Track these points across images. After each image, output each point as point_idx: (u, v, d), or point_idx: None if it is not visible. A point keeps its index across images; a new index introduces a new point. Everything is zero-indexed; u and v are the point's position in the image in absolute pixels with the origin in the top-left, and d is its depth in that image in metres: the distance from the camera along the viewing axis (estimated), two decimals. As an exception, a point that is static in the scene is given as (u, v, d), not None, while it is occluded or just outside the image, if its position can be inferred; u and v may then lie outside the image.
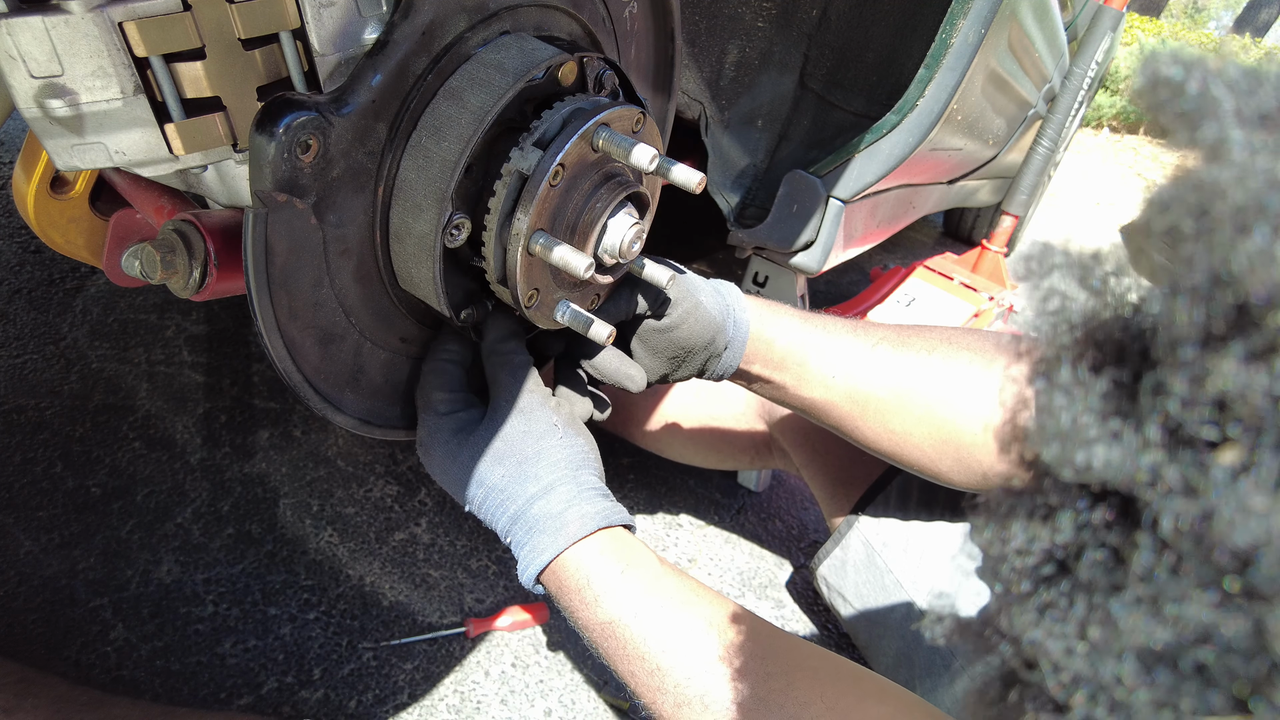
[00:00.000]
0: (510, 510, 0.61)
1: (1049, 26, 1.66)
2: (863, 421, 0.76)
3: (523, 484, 0.60)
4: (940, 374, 0.73)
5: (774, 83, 1.28)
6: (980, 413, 0.73)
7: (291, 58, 0.49)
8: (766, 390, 0.79)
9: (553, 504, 0.60)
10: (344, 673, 0.89)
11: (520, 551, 0.61)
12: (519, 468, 0.61)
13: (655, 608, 0.58)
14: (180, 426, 1.11)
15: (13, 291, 1.23)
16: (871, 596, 0.92)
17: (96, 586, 0.89)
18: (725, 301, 0.72)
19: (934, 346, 0.74)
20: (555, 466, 0.61)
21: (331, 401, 0.60)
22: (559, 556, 0.59)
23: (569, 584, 0.60)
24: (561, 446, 0.62)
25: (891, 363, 0.74)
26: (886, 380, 0.74)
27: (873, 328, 0.77)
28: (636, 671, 0.57)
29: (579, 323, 0.62)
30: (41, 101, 0.43)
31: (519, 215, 0.56)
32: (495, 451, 0.61)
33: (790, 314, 0.76)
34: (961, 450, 0.74)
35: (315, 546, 1.02)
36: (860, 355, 0.75)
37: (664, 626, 0.57)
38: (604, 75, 0.62)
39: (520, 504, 0.60)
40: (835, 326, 0.77)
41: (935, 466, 0.77)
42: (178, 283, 0.58)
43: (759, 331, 0.74)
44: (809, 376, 0.76)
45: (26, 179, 0.68)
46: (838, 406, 0.76)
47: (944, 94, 1.10)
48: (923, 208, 1.80)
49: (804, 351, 0.75)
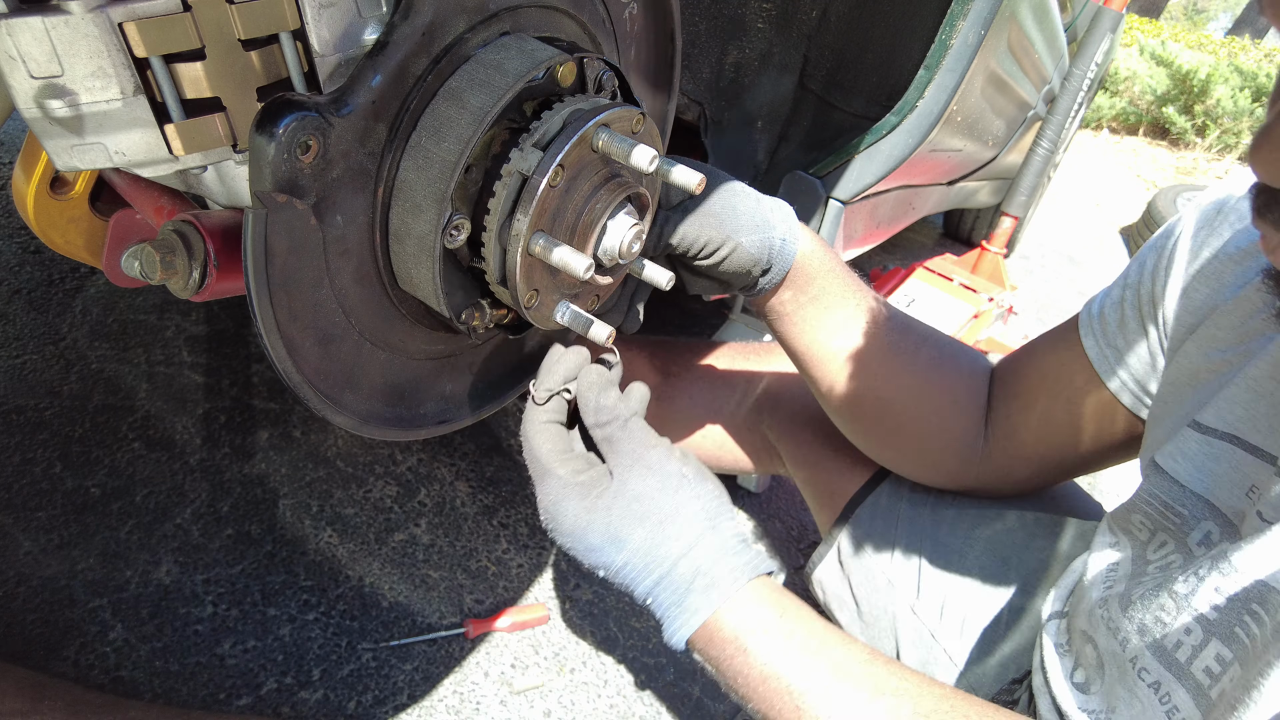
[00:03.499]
0: (656, 573, 0.58)
1: (1049, 28, 1.66)
2: (851, 382, 0.82)
3: (665, 544, 0.58)
4: (930, 370, 0.84)
5: (774, 84, 1.28)
6: (945, 424, 0.84)
7: (291, 58, 0.49)
8: (780, 322, 0.81)
9: (699, 561, 0.58)
10: (343, 673, 0.89)
11: (669, 613, 0.58)
12: (659, 528, 0.58)
13: (813, 655, 0.57)
14: (180, 427, 1.11)
15: (13, 291, 1.23)
16: (865, 599, 0.92)
17: (96, 587, 0.89)
18: (768, 236, 0.73)
19: (933, 349, 0.84)
20: (694, 521, 0.59)
21: (331, 402, 0.60)
22: (713, 615, 0.57)
23: (721, 638, 0.57)
24: (696, 498, 0.60)
25: (898, 342, 0.82)
26: (889, 354, 0.81)
27: (890, 307, 0.83)
28: (789, 717, 0.56)
29: (579, 323, 0.62)
30: (41, 102, 0.43)
31: (519, 216, 0.56)
32: (633, 513, 0.59)
33: (836, 259, 0.80)
34: (911, 441, 0.86)
35: (315, 547, 1.02)
36: (878, 325, 0.80)
37: (820, 676, 0.56)
38: (604, 76, 0.62)
39: (666, 566, 0.58)
40: (866, 292, 0.82)
41: (880, 447, 0.88)
42: (177, 283, 0.58)
43: (804, 264, 0.76)
44: (830, 323, 0.80)
45: (26, 179, 0.68)
46: (832, 361, 0.81)
47: (943, 95, 1.11)
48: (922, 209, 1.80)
49: (837, 298, 0.79)
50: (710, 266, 0.73)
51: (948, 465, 0.87)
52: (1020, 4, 1.28)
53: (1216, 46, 8.23)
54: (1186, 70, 5.89)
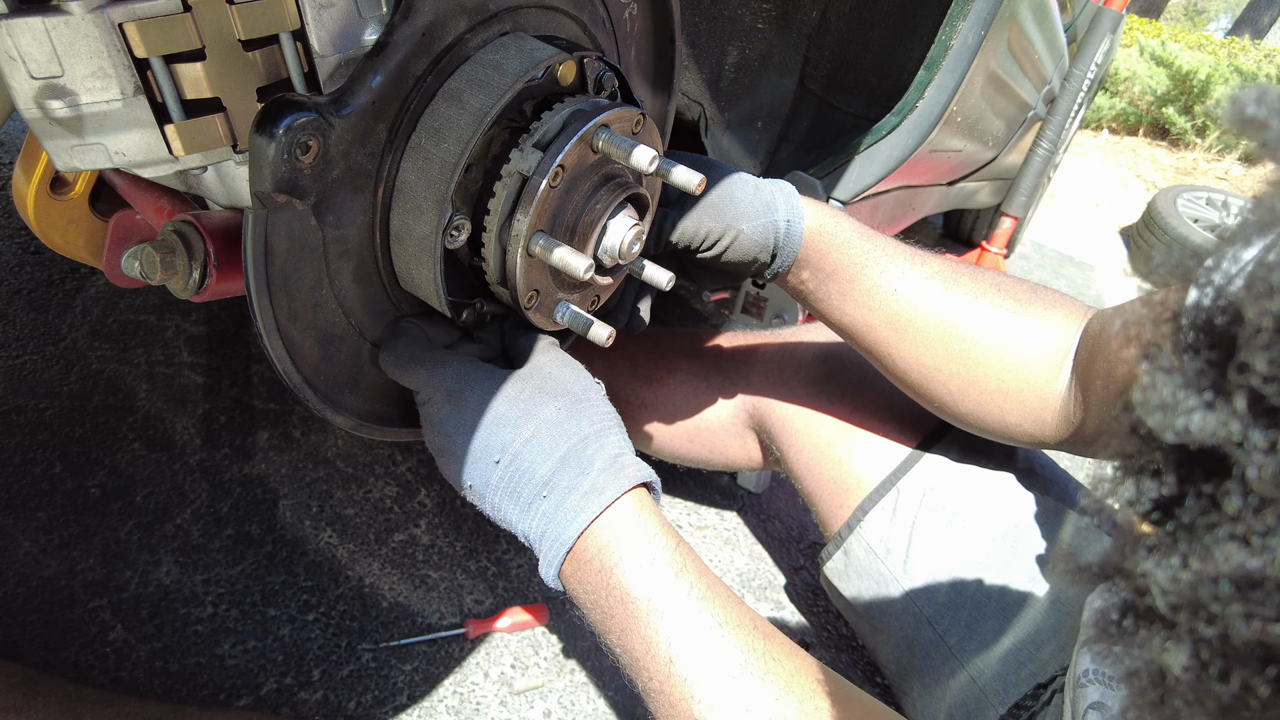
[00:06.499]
0: (561, 451, 0.54)
1: (1048, 28, 1.66)
2: (898, 348, 0.77)
3: (577, 421, 0.55)
4: (983, 319, 0.75)
5: (774, 84, 1.28)
6: (1012, 363, 0.75)
7: (291, 59, 0.49)
8: (809, 302, 0.79)
9: (608, 448, 0.56)
10: (343, 674, 0.89)
11: (568, 497, 0.54)
12: (574, 406, 0.56)
13: (703, 593, 0.54)
14: (180, 427, 1.11)
15: (13, 292, 1.23)
16: (873, 598, 0.92)
17: (96, 587, 0.89)
18: (771, 220, 0.71)
19: (983, 291, 0.76)
20: (607, 415, 0.58)
21: (331, 402, 0.60)
22: (618, 500, 0.54)
23: (627, 531, 0.54)
24: (606, 400, 0.59)
25: (941, 297, 0.75)
26: (931, 313, 0.75)
27: (930, 259, 0.78)
28: (643, 648, 0.53)
29: (578, 324, 0.62)
30: (41, 102, 0.43)
31: (519, 216, 0.56)
32: (546, 389, 0.56)
33: (851, 228, 0.76)
34: (985, 395, 0.76)
35: (315, 548, 1.02)
36: (912, 283, 0.76)
37: (700, 621, 0.53)
38: (604, 76, 0.62)
39: (573, 443, 0.55)
40: (894, 250, 0.77)
41: (955, 406, 0.79)
42: (177, 284, 0.58)
43: (814, 241, 0.74)
44: (855, 294, 0.76)
45: (26, 180, 0.68)
46: (876, 330, 0.77)
47: (943, 96, 1.11)
48: (922, 209, 1.80)
49: (857, 268, 0.75)
50: (713, 258, 0.72)
51: (1015, 428, 0.80)
52: (1020, 5, 1.28)
53: (1216, 47, 8.23)
54: (1186, 71, 5.88)
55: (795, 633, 1.13)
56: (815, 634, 1.14)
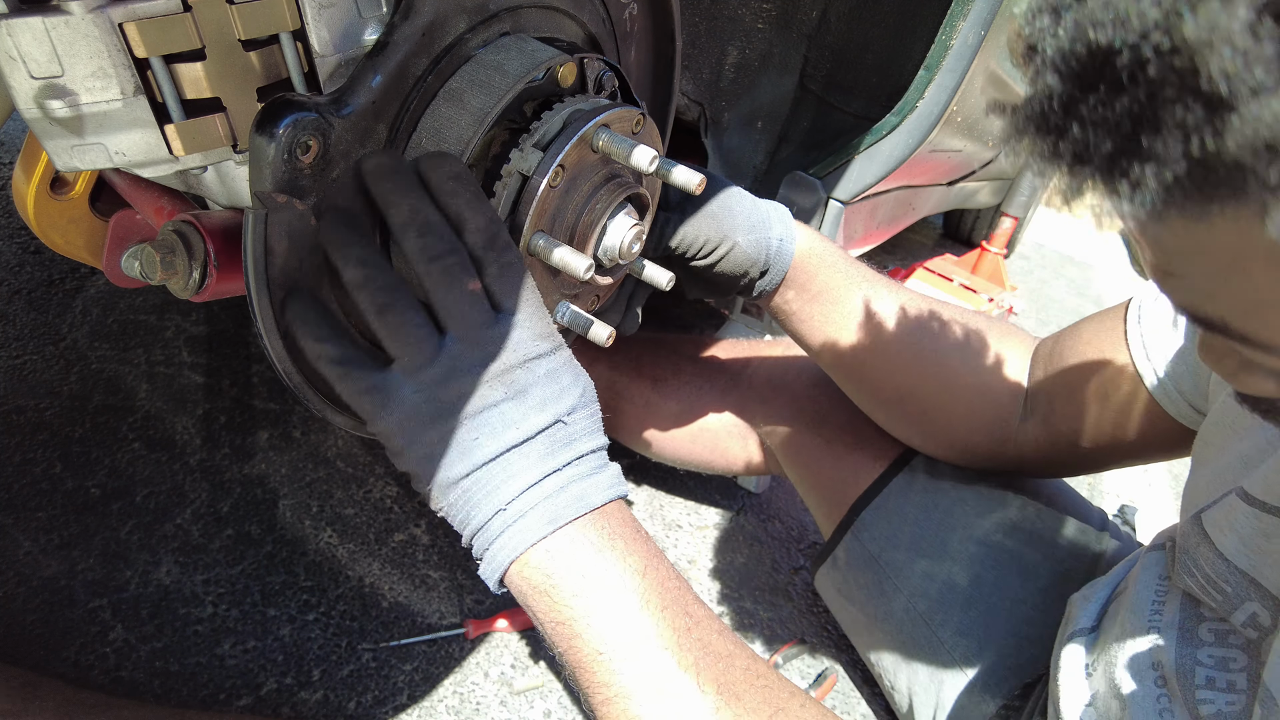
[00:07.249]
0: (578, 390, 0.53)
1: (1049, 28, 1.66)
2: (874, 370, 0.82)
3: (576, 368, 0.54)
4: (953, 346, 0.81)
5: (774, 84, 1.28)
6: (979, 385, 0.82)
7: (291, 59, 0.49)
8: (789, 322, 0.81)
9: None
10: (343, 674, 0.89)
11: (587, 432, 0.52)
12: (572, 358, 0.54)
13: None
14: (180, 427, 1.11)
15: (13, 292, 1.23)
16: (867, 598, 0.92)
17: (95, 587, 0.89)
18: (765, 236, 0.73)
19: (951, 320, 0.82)
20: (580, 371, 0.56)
21: (332, 402, 0.60)
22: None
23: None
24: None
25: (917, 324, 0.80)
26: (909, 338, 0.80)
27: (903, 288, 0.83)
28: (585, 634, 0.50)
29: (579, 324, 0.62)
30: (41, 102, 0.43)
31: (519, 216, 0.56)
32: (545, 331, 0.53)
33: (838, 253, 0.79)
34: (954, 418, 0.83)
35: (315, 547, 1.02)
36: (892, 308, 0.80)
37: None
38: (604, 76, 0.62)
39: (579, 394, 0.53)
40: (874, 277, 0.81)
41: (923, 426, 0.86)
42: (177, 284, 0.58)
43: (804, 262, 0.76)
44: (838, 316, 0.79)
45: (26, 180, 0.68)
46: (856, 351, 0.80)
47: (944, 95, 1.11)
48: (922, 209, 1.80)
49: (841, 291, 0.79)
50: (708, 267, 0.73)
51: (978, 448, 0.85)
52: (1020, 4, 1.28)
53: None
54: (1186, 70, 5.87)
55: (795, 633, 1.13)
56: (815, 634, 1.14)
